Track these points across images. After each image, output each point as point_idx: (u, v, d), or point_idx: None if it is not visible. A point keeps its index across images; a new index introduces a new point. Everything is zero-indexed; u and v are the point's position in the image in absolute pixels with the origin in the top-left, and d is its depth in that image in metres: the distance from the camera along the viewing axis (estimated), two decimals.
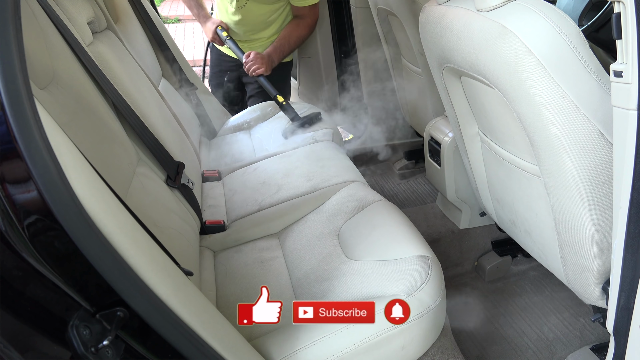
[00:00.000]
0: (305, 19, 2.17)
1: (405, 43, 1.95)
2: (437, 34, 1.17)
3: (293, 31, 2.16)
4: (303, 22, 2.17)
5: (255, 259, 1.26)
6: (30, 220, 0.55)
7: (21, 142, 0.52)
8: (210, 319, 0.75)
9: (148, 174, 1.20)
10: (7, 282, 0.53)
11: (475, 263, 1.77)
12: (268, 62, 2.06)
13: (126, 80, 1.37)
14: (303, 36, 2.19)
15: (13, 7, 0.55)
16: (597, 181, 0.95)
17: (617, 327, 0.91)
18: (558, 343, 1.44)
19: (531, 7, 0.91)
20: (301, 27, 2.17)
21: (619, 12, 0.75)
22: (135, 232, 0.67)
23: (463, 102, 1.33)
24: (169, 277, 0.69)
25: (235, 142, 2.00)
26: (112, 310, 0.60)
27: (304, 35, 2.19)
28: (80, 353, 0.56)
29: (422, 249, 1.11)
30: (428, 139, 1.79)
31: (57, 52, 1.04)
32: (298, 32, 2.16)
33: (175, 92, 2.05)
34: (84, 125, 1.00)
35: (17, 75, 0.53)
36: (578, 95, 0.89)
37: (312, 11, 2.17)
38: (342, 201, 1.38)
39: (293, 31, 2.16)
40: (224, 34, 2.11)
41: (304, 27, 2.17)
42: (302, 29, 2.17)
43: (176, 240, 1.10)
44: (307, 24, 2.18)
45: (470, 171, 1.50)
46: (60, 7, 1.20)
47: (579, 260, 1.06)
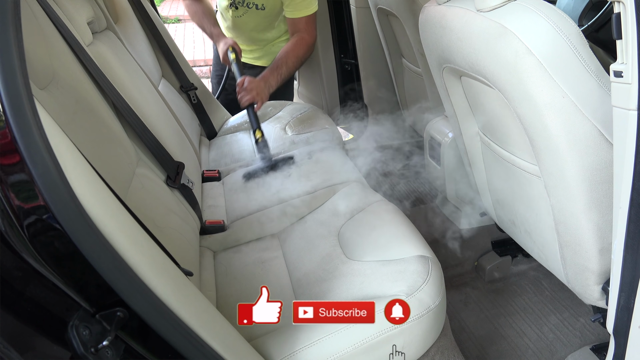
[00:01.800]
0: (302, 36, 1.99)
1: (405, 43, 1.95)
2: (437, 34, 1.17)
3: (290, 51, 1.96)
4: (300, 41, 1.98)
5: (255, 259, 1.26)
6: (30, 221, 0.55)
7: (21, 142, 0.52)
8: (210, 319, 0.75)
9: (148, 174, 1.20)
10: (7, 282, 0.53)
11: (475, 263, 1.77)
12: (264, 89, 1.84)
13: (126, 80, 1.37)
14: (301, 56, 1.99)
15: (13, 7, 0.55)
16: (597, 181, 0.95)
17: (617, 327, 0.91)
18: (558, 343, 1.44)
19: (531, 7, 0.91)
20: (298, 46, 1.98)
21: (619, 12, 0.75)
22: (135, 232, 0.67)
23: (463, 102, 1.33)
24: (169, 277, 0.69)
25: (235, 142, 2.00)
26: (111, 311, 0.60)
27: (302, 55, 1.99)
28: (80, 353, 0.56)
29: (422, 249, 1.11)
30: (428, 139, 1.79)
31: (57, 52, 1.04)
32: (296, 52, 1.97)
33: (175, 92, 2.05)
34: (84, 126, 1.00)
35: (17, 75, 0.53)
36: (578, 95, 0.89)
37: (308, 26, 2.00)
38: (342, 201, 1.38)
39: (290, 51, 1.96)
40: (232, 57, 1.98)
41: (302, 46, 1.99)
42: (300, 48, 1.98)
43: (176, 240, 1.10)
44: (306, 42, 1.99)
45: (470, 171, 1.50)
46: (60, 7, 1.20)
47: (579, 260, 1.06)
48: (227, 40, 2.03)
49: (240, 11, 2.07)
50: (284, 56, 1.96)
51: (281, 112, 2.07)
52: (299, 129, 1.93)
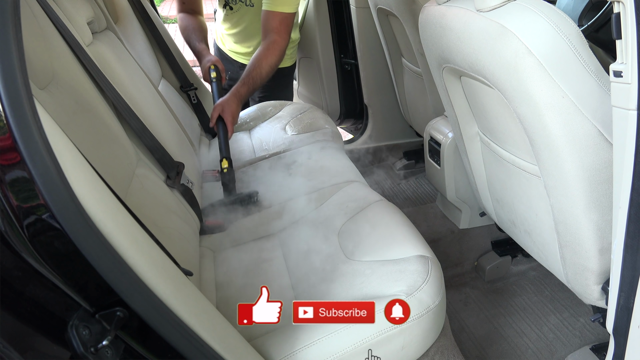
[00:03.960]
0: (274, 38, 1.89)
1: (405, 43, 1.95)
2: (437, 34, 1.17)
3: (263, 59, 1.87)
4: (272, 45, 1.89)
5: (255, 259, 1.26)
6: (30, 220, 0.55)
7: (21, 142, 0.52)
8: (210, 319, 0.75)
9: (148, 174, 1.20)
10: (7, 282, 0.53)
11: (475, 263, 1.77)
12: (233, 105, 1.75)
13: (126, 80, 1.37)
14: (274, 64, 1.90)
15: (13, 7, 0.55)
16: (597, 181, 0.95)
17: (617, 327, 0.91)
18: (558, 343, 1.44)
19: (531, 7, 0.91)
20: (271, 52, 1.88)
21: (619, 12, 0.75)
22: (135, 232, 0.67)
23: (463, 102, 1.33)
24: (169, 277, 0.69)
25: (235, 142, 2.00)
26: (111, 311, 0.60)
27: (274, 63, 1.90)
28: (80, 353, 0.56)
29: (422, 249, 1.11)
30: (428, 139, 1.79)
31: (57, 52, 1.04)
32: (268, 60, 1.87)
33: (175, 92, 2.04)
34: (83, 126, 1.00)
35: (17, 75, 0.53)
36: (578, 95, 0.89)
37: (282, 26, 1.90)
38: (342, 201, 1.38)
39: (263, 59, 1.87)
40: (212, 75, 1.93)
41: (274, 53, 1.89)
42: (272, 54, 1.89)
43: (176, 240, 1.10)
44: (278, 47, 1.90)
45: (470, 171, 1.50)
46: (59, 7, 1.20)
47: (578, 260, 1.06)
48: (210, 58, 2.00)
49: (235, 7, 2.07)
50: (257, 66, 1.87)
51: (281, 112, 2.07)
52: (299, 129, 1.93)
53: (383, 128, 2.51)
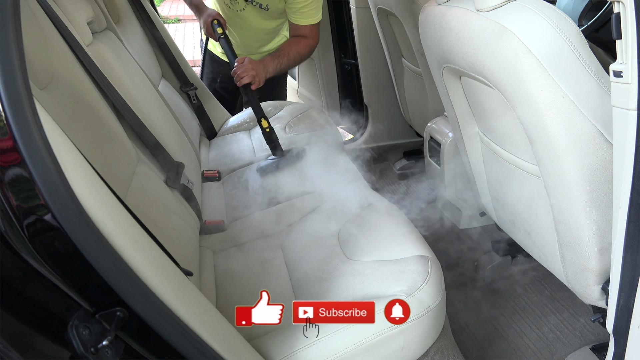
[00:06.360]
0: (307, 38, 1.96)
1: (405, 43, 1.95)
2: (437, 34, 1.17)
3: (293, 46, 1.93)
4: (305, 41, 1.95)
5: (255, 259, 1.26)
6: (30, 220, 0.55)
7: (21, 142, 0.52)
8: (210, 319, 0.75)
9: (148, 174, 1.20)
10: (7, 282, 0.53)
11: (475, 263, 1.77)
12: (262, 72, 1.78)
13: (126, 80, 1.37)
14: (303, 55, 1.96)
15: (13, 7, 0.55)
16: (597, 181, 0.95)
17: (617, 327, 0.91)
18: (558, 343, 1.44)
19: (531, 7, 0.91)
20: (302, 44, 1.94)
21: (619, 12, 0.75)
22: (135, 232, 0.67)
23: (463, 102, 1.33)
24: (169, 277, 0.69)
25: (235, 142, 2.00)
26: (111, 311, 0.60)
27: (303, 54, 1.96)
28: (80, 353, 0.56)
29: (422, 249, 1.11)
30: (428, 139, 1.79)
31: (57, 52, 1.04)
32: (298, 49, 1.93)
33: (175, 92, 2.05)
34: (83, 126, 1.00)
35: (17, 75, 0.53)
36: (578, 95, 0.89)
37: (312, 32, 1.95)
38: (342, 201, 1.38)
39: (293, 46, 1.93)
40: (218, 30, 1.87)
41: (305, 46, 1.95)
42: (303, 47, 1.95)
43: (176, 240, 1.10)
44: (309, 44, 1.96)
45: (470, 171, 1.50)
46: (59, 7, 1.20)
47: (578, 260, 1.06)
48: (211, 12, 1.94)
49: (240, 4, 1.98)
50: (287, 48, 1.91)
51: (281, 112, 2.07)
52: (299, 129, 1.93)
53: (383, 128, 2.51)
